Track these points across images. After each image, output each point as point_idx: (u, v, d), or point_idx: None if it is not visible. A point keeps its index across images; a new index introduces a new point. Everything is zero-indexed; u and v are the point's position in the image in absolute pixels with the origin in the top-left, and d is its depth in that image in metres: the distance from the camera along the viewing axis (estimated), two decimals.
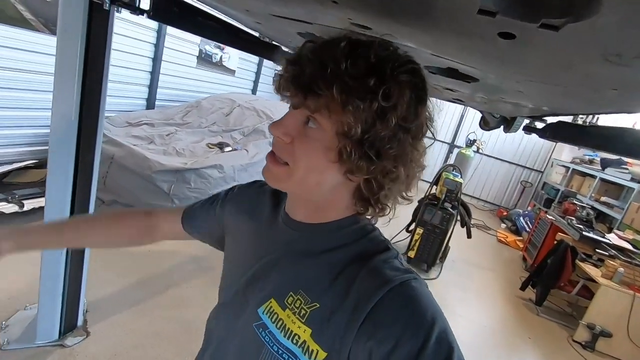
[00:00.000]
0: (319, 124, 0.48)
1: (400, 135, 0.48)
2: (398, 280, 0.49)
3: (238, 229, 0.69)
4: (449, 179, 3.83)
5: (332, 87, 0.44)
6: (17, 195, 2.80)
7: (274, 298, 0.56)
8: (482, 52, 0.51)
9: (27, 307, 2.04)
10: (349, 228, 0.56)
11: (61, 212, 1.73)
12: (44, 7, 3.15)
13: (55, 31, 3.08)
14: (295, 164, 0.51)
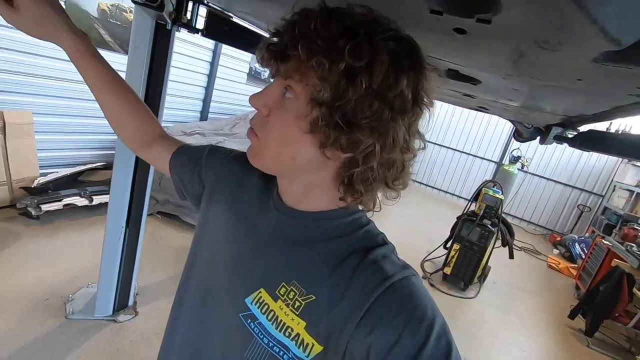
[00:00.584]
0: (293, 92, 0.46)
1: (375, 105, 0.43)
2: (398, 275, 0.47)
3: (221, 202, 0.65)
4: (488, 195, 3.73)
5: (298, 47, 0.42)
6: (88, 192, 3.22)
7: (263, 288, 0.53)
8: (452, 47, 0.60)
9: (89, 285, 2.34)
10: (344, 219, 0.54)
11: (122, 203, 2.00)
12: (120, 30, 3.66)
13: (127, 50, 3.55)
14: (267, 136, 0.49)
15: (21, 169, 3.07)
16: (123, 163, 1.96)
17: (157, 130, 0.76)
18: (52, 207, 2.97)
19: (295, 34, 0.43)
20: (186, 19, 1.70)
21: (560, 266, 5.70)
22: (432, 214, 6.75)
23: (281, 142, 0.48)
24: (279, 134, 0.48)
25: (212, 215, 0.66)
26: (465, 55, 0.66)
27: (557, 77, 0.60)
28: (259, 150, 0.51)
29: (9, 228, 2.75)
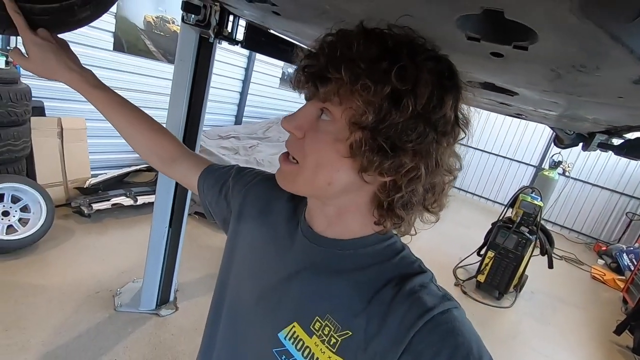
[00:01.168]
0: (331, 115, 0.45)
1: (420, 127, 0.42)
2: (439, 308, 0.44)
3: (248, 227, 0.63)
4: (526, 202, 3.60)
5: (341, 70, 0.41)
6: (133, 192, 3.44)
7: (297, 322, 0.50)
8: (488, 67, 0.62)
9: (135, 280, 2.51)
10: (378, 246, 0.51)
11: (166, 205, 2.14)
12: (163, 40, 3.88)
13: (169, 59, 3.74)
14: (304, 160, 0.47)
15: (75, 171, 3.33)
16: None
17: (176, 149, 0.77)
18: (102, 206, 3.20)
19: (337, 55, 0.42)
20: (227, 32, 1.80)
21: (605, 278, 5.36)
22: (466, 219, 6.56)
23: (318, 167, 0.47)
24: (316, 157, 0.47)
25: (239, 242, 0.64)
26: (502, 74, 0.68)
27: (597, 94, 0.61)
28: (293, 175, 0.49)
29: (64, 225, 2.99)
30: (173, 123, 1.99)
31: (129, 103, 0.77)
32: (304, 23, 0.82)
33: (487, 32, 0.48)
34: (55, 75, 0.71)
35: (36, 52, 0.69)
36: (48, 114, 3.14)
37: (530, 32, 0.42)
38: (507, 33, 0.45)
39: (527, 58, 0.52)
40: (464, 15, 0.45)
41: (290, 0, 0.65)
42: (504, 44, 0.49)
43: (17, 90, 2.47)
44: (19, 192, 2.54)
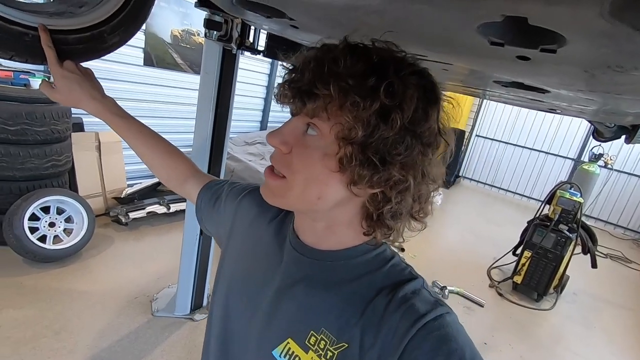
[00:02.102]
0: (318, 130, 0.45)
1: (407, 140, 0.43)
2: (431, 314, 0.45)
3: (239, 243, 0.64)
4: (564, 198, 3.42)
5: (329, 86, 0.41)
6: (166, 200, 3.58)
7: (291, 338, 0.50)
8: (514, 70, 0.60)
9: (170, 286, 2.61)
10: (368, 255, 0.52)
11: None
12: (189, 52, 4.01)
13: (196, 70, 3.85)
14: (293, 176, 0.47)
15: (112, 182, 3.51)
16: None
17: (188, 168, 0.80)
18: (138, 214, 3.35)
19: (324, 71, 0.42)
20: (249, 42, 1.83)
21: None
22: (498, 217, 6.32)
23: (307, 182, 0.47)
24: (305, 173, 0.46)
25: (228, 258, 0.65)
26: (530, 76, 0.65)
27: (636, 92, 0.57)
28: (282, 191, 0.49)
29: (104, 233, 3.16)
30: (200, 132, 2.05)
31: (147, 129, 0.81)
32: (322, 34, 0.83)
33: (511, 37, 0.46)
34: (79, 105, 0.77)
35: (63, 84, 0.75)
36: (87, 129, 3.33)
37: (557, 36, 0.40)
38: (533, 38, 0.43)
39: (556, 60, 0.49)
40: (485, 23, 0.44)
41: (307, 16, 0.65)
42: (531, 48, 0.47)
43: (58, 109, 2.64)
44: (63, 204, 2.71)
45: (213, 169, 2.18)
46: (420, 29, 0.48)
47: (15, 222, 2.40)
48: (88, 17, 0.77)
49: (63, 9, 0.78)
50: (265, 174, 0.50)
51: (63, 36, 0.73)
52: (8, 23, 0.66)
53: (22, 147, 2.51)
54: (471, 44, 0.52)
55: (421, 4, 0.43)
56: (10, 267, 2.48)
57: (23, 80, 2.56)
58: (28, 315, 2.12)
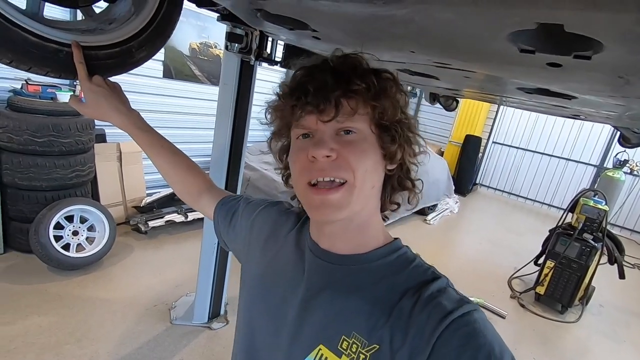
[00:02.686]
0: (355, 127, 0.49)
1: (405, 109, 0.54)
2: (459, 312, 0.45)
3: (259, 258, 0.65)
4: (588, 206, 3.31)
5: (368, 77, 0.48)
6: (184, 209, 3.63)
7: (322, 344, 0.51)
8: (543, 77, 0.58)
9: (188, 294, 2.63)
10: (389, 257, 0.54)
11: None
12: (206, 64, 4.11)
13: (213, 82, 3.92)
14: (354, 174, 0.49)
15: (132, 191, 3.59)
16: (215, 178, 2.19)
17: (203, 182, 0.83)
18: (157, 223, 3.41)
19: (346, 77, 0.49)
20: (267, 54, 1.87)
21: None
22: (518, 226, 6.16)
23: (367, 173, 0.50)
24: (364, 165, 0.50)
25: (249, 273, 0.66)
26: (559, 83, 0.64)
27: None
28: (347, 197, 0.49)
29: (124, 242, 3.22)
30: (219, 142, 2.08)
31: (168, 143, 0.84)
32: (343, 44, 0.83)
33: (543, 44, 0.45)
34: (106, 117, 0.80)
35: (91, 98, 0.78)
36: (109, 140, 3.43)
37: (593, 42, 0.39)
38: (567, 44, 0.43)
39: (590, 67, 0.48)
40: (515, 31, 0.43)
41: (330, 28, 0.66)
42: (564, 55, 0.46)
43: (82, 121, 2.73)
44: (86, 213, 2.79)
45: (231, 178, 2.20)
46: (447, 38, 0.47)
47: (41, 230, 2.48)
48: (117, 34, 0.80)
49: (94, 26, 0.82)
50: (321, 193, 0.49)
51: (94, 52, 0.76)
52: (44, 41, 0.69)
53: (49, 158, 2.61)
54: (499, 51, 0.52)
55: (450, 14, 0.43)
56: (35, 275, 2.56)
57: (50, 94, 2.66)
58: (52, 322, 2.17)
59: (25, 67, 0.70)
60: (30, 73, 0.73)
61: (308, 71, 0.51)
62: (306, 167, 0.50)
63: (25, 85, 2.60)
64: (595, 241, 3.29)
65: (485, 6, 0.36)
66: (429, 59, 0.71)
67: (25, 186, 2.61)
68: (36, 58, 0.69)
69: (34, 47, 0.68)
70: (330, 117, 0.49)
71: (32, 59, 0.69)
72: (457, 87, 1.15)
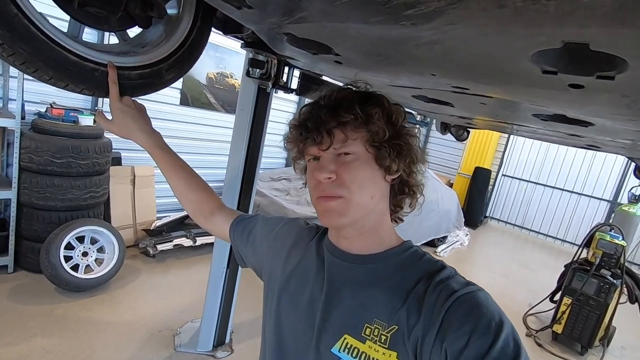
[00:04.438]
0: (350, 150, 0.58)
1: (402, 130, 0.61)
2: (464, 290, 0.53)
3: (283, 266, 0.71)
4: (604, 240, 3.22)
5: (353, 109, 0.57)
6: (193, 233, 3.63)
7: (347, 334, 0.57)
8: (563, 100, 0.60)
9: (193, 320, 2.57)
10: (403, 255, 0.61)
11: (225, 246, 2.22)
12: (222, 93, 4.25)
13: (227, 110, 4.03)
14: (349, 188, 0.57)
15: (143, 214, 3.62)
16: (227, 203, 2.20)
17: (215, 203, 0.89)
18: (165, 247, 3.41)
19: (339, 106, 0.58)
20: (283, 82, 1.93)
21: None
22: (531, 261, 5.98)
23: (361, 187, 0.58)
24: (357, 181, 0.58)
25: (273, 281, 0.72)
26: (579, 106, 0.65)
27: None
28: (345, 206, 0.58)
29: (133, 265, 3.21)
30: (233, 166, 2.12)
31: (186, 165, 0.90)
32: (364, 69, 0.87)
33: (566, 65, 0.47)
34: (130, 136, 0.84)
35: (118, 117, 0.82)
36: (124, 164, 3.51)
37: (617, 61, 0.41)
38: (591, 64, 0.44)
39: (612, 88, 0.49)
40: (540, 51, 0.45)
41: (355, 51, 0.69)
42: (587, 75, 0.47)
43: (101, 144, 2.82)
44: (97, 234, 2.80)
45: (243, 202, 2.21)
46: (471, 59, 0.49)
47: (52, 250, 2.49)
48: (149, 56, 0.85)
49: (128, 48, 0.87)
50: (323, 201, 0.60)
51: (127, 72, 0.80)
52: (83, 60, 0.74)
53: (66, 179, 2.66)
54: (522, 73, 0.53)
55: (477, 34, 0.45)
56: (43, 295, 2.54)
57: (73, 117, 2.77)
58: (56, 344, 2.13)
59: (63, 84, 0.74)
60: (66, 90, 0.77)
61: (309, 108, 0.62)
62: (315, 185, 0.61)
63: (49, 109, 2.71)
64: (614, 278, 3.17)
65: (513, 25, 0.38)
66: (448, 82, 0.73)
67: (41, 206, 2.65)
68: (74, 76, 0.74)
69: (73, 65, 0.72)
70: (327, 146, 0.59)
71: (70, 77, 0.73)
72: (471, 114, 1.17)
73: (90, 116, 2.87)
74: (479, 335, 0.48)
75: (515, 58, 0.49)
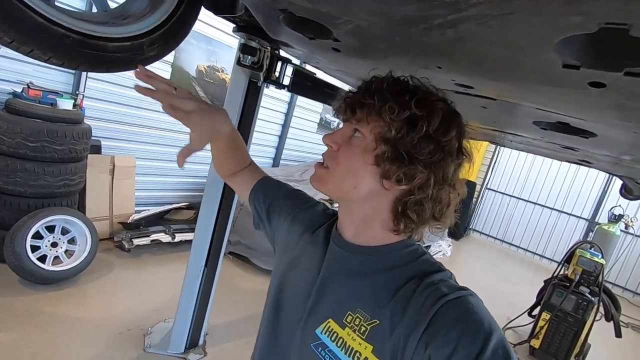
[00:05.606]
0: (361, 133, 0.57)
1: (430, 146, 0.53)
2: (454, 294, 0.51)
3: (296, 242, 0.73)
4: (584, 258, 3.25)
5: (373, 97, 0.55)
6: (172, 229, 3.50)
7: (331, 318, 0.59)
8: (579, 102, 0.55)
9: (166, 320, 2.45)
10: (402, 251, 0.60)
11: (204, 243, 2.12)
12: (212, 87, 4.15)
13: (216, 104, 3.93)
14: (336, 166, 0.59)
15: (121, 206, 3.47)
16: (209, 207, 2.11)
17: (247, 160, 0.88)
18: (142, 241, 3.27)
19: (371, 88, 0.56)
20: (275, 77, 1.87)
21: None
22: (511, 274, 6.04)
23: (347, 172, 0.58)
24: (347, 164, 0.58)
25: (282, 258, 0.75)
26: (592, 109, 0.61)
27: None
28: (325, 177, 0.61)
29: (106, 259, 3.06)
30: None
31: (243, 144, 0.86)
32: (361, 59, 0.81)
33: (594, 57, 0.42)
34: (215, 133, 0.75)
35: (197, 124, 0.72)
36: (104, 153, 3.36)
37: None
38: (624, 56, 0.39)
39: (636, 88, 0.45)
40: (567, 38, 0.40)
41: (357, 35, 0.63)
42: (614, 71, 0.42)
43: (79, 129, 2.68)
44: (69, 224, 2.66)
45: (226, 198, 2.13)
46: (485, 49, 0.44)
47: (18, 239, 2.34)
48: (130, 28, 0.77)
49: (107, 19, 0.79)
50: (315, 166, 0.63)
51: (103, 43, 0.72)
52: (52, 24, 0.65)
53: (39, 164, 2.52)
54: (540, 66, 0.49)
55: (501, 13, 0.39)
56: (4, 287, 2.38)
57: (51, 100, 2.63)
58: (15, 340, 1.98)
59: (27, 49, 0.65)
60: (31, 57, 0.68)
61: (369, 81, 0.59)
62: None
63: (26, 89, 2.57)
64: (592, 295, 3.20)
65: (548, 3, 0.33)
66: (453, 79, 0.69)
67: (9, 191, 2.49)
68: (41, 41, 0.65)
69: (40, 28, 0.64)
70: (347, 118, 0.60)
71: (36, 42, 0.65)
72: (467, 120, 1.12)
73: (70, 99, 2.73)
74: (466, 342, 0.46)
75: (537, 47, 0.44)
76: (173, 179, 4.18)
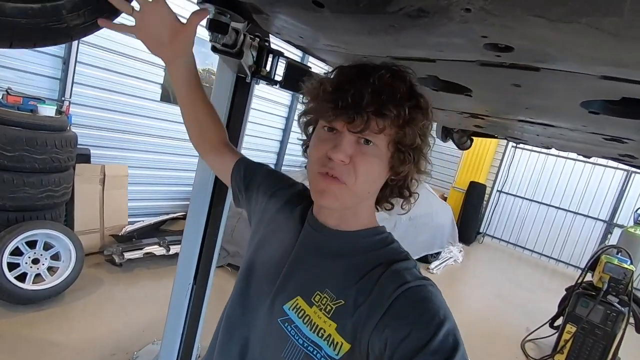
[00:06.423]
0: (374, 140, 0.56)
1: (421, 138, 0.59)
2: (416, 282, 0.55)
3: (270, 221, 0.74)
4: (612, 264, 2.99)
5: (401, 106, 0.54)
6: (167, 241, 3.31)
7: (300, 296, 0.60)
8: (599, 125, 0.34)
9: (155, 342, 2.25)
10: (374, 237, 0.64)
11: (191, 258, 1.92)
12: (207, 91, 3.97)
13: None
14: (356, 180, 0.56)
15: (113, 218, 3.29)
16: (195, 218, 1.91)
17: (223, 136, 0.89)
18: (134, 255, 3.08)
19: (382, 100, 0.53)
20: (265, 72, 1.67)
21: None
22: (525, 281, 5.73)
23: (366, 184, 0.59)
24: (366, 177, 0.58)
25: (257, 233, 0.76)
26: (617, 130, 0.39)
27: None
28: (344, 194, 0.58)
29: (94, 274, 2.87)
30: (204, 166, 1.83)
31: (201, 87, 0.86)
32: (350, 20, 0.62)
33: (612, 111, 0.23)
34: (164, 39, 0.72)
35: None
36: (93, 162, 3.19)
37: None
38: None
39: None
40: None
41: None
42: None
43: (63, 137, 2.51)
44: (52, 239, 2.48)
45: (215, 208, 1.93)
46: None
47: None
48: None
49: None
50: (327, 182, 0.57)
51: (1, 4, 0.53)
52: None
53: (17, 175, 2.34)
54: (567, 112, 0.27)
55: None
56: None
57: (31, 106, 2.47)
58: None
59: None
60: None
61: (351, 77, 0.56)
62: (322, 159, 0.58)
63: (5, 95, 2.41)
64: (622, 305, 2.93)
65: None
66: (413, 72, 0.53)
67: None
68: None
69: None
70: (358, 130, 0.55)
71: None
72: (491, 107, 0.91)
73: (52, 106, 2.57)
74: (420, 327, 0.49)
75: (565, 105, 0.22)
76: (168, 187, 4.00)
